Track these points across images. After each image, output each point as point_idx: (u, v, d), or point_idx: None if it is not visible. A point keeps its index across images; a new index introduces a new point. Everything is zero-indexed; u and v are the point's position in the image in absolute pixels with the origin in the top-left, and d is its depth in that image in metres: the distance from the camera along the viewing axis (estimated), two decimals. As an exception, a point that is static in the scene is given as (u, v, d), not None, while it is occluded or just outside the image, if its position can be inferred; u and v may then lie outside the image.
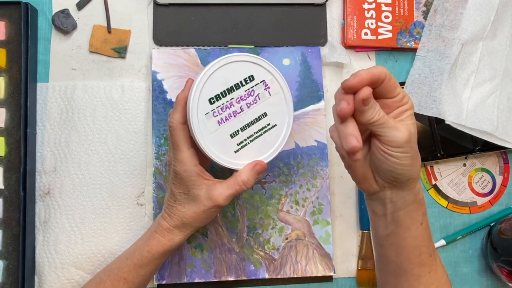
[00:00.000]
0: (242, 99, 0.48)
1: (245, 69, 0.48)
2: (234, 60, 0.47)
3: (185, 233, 0.49)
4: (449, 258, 0.61)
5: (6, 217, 0.54)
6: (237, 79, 0.47)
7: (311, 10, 0.62)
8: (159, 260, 0.49)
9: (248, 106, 0.48)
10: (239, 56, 0.47)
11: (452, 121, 0.58)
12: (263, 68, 0.48)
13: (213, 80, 0.46)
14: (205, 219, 0.48)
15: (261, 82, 0.48)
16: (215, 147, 0.47)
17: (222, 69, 0.47)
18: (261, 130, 0.49)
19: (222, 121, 0.47)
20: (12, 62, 0.56)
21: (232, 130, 0.47)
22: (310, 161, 0.59)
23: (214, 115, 0.46)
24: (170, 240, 0.48)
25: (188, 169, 0.46)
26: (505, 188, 0.62)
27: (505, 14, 0.61)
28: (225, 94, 0.47)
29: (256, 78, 0.48)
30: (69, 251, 0.56)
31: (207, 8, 0.60)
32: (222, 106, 0.47)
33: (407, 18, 0.62)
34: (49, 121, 0.58)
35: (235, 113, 0.47)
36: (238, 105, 0.47)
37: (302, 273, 0.57)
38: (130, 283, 0.49)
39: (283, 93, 0.49)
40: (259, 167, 0.48)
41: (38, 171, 0.57)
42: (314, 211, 0.58)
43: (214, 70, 0.46)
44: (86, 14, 0.60)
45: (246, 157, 0.48)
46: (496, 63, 0.61)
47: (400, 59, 0.63)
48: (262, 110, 0.49)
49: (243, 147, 0.48)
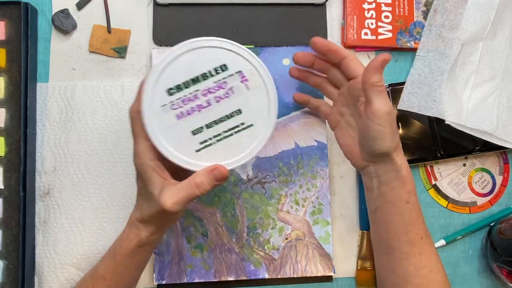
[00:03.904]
0: (210, 92, 0.41)
1: (217, 57, 0.41)
2: (204, 45, 0.40)
3: (150, 230, 0.45)
4: (449, 258, 0.61)
5: (6, 217, 0.54)
6: (205, 68, 0.41)
7: (311, 10, 0.62)
8: (133, 258, 0.46)
9: (217, 101, 0.42)
10: (211, 41, 0.41)
11: (452, 121, 0.58)
12: (241, 57, 0.41)
13: (175, 67, 0.40)
14: (163, 222, 0.45)
15: (237, 73, 0.42)
16: (171, 144, 0.41)
17: (188, 54, 0.40)
18: (232, 129, 0.43)
19: (183, 115, 0.41)
20: (12, 62, 0.56)
21: (194, 126, 0.42)
22: (310, 161, 0.59)
23: (173, 107, 0.41)
24: (137, 235, 0.45)
25: (144, 163, 0.42)
26: (505, 188, 0.62)
27: (505, 14, 0.61)
28: (188, 85, 0.41)
29: (230, 68, 0.41)
30: (68, 251, 0.56)
31: (207, 8, 0.60)
32: (183, 99, 0.41)
33: (407, 18, 0.62)
34: (49, 121, 0.58)
35: (199, 107, 0.42)
36: (205, 98, 0.41)
37: (302, 273, 0.57)
38: (108, 281, 0.46)
39: (266, 88, 0.42)
40: (218, 173, 0.42)
41: (38, 171, 0.57)
42: (314, 211, 0.58)
43: (177, 55, 0.40)
44: (86, 14, 0.60)
45: (210, 158, 0.42)
46: (496, 63, 0.61)
47: (400, 59, 0.63)
48: (235, 106, 0.42)
49: (207, 147, 0.42)
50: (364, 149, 0.49)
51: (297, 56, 0.53)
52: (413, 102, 0.59)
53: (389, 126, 0.46)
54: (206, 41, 0.41)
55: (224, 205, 0.58)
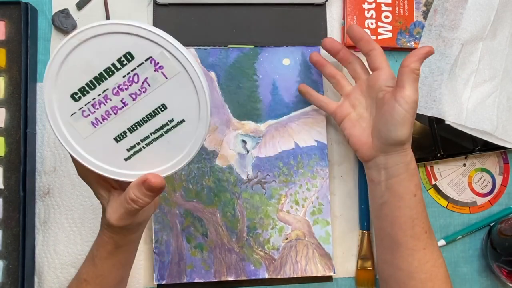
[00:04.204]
0: (122, 89, 0.35)
1: (118, 45, 0.33)
2: (96, 33, 0.33)
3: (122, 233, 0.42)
4: (449, 258, 0.61)
5: (6, 217, 0.54)
6: (106, 62, 0.34)
7: (311, 10, 0.62)
8: (113, 260, 0.44)
9: (133, 98, 0.35)
10: (104, 26, 0.33)
11: (452, 121, 0.58)
12: (147, 40, 0.33)
13: (69, 68, 0.34)
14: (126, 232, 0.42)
15: (147, 61, 0.34)
16: (94, 155, 0.36)
17: (80, 50, 0.33)
18: (161, 129, 0.36)
19: (98, 121, 0.36)
20: (12, 62, 0.56)
21: (115, 132, 0.36)
22: (310, 161, 0.59)
23: (84, 114, 0.35)
24: (110, 237, 0.42)
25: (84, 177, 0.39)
26: (505, 188, 0.62)
27: (505, 14, 0.61)
28: (93, 85, 0.34)
29: (136, 56, 0.34)
30: (68, 251, 0.56)
31: (207, 8, 0.60)
32: (93, 102, 0.35)
33: (407, 18, 0.62)
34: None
35: (114, 109, 0.35)
36: (117, 98, 0.35)
37: (302, 273, 0.57)
38: (92, 284, 0.45)
39: (187, 73, 0.34)
40: (147, 184, 0.36)
41: (38, 171, 0.57)
42: (314, 211, 0.58)
43: (66, 53, 0.33)
44: (86, 14, 0.60)
45: (142, 165, 0.37)
46: (496, 63, 0.61)
47: (400, 59, 0.63)
48: (157, 101, 0.35)
49: (136, 153, 0.37)
50: (381, 136, 0.49)
51: (327, 41, 0.55)
52: (413, 102, 0.59)
53: (412, 115, 0.47)
54: (98, 27, 0.33)
55: (224, 205, 0.58)
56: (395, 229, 0.49)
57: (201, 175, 0.57)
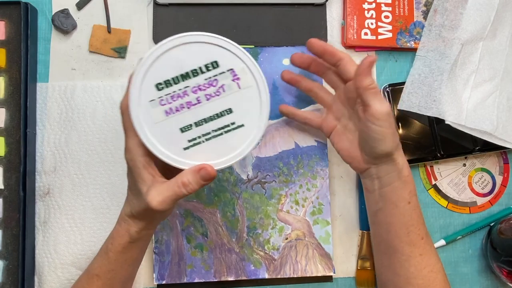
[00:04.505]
0: (200, 89, 0.40)
1: (209, 53, 0.39)
2: (194, 40, 0.39)
3: (140, 225, 0.44)
4: (449, 258, 0.61)
5: (6, 217, 0.54)
6: (195, 64, 0.39)
7: (311, 10, 0.62)
8: (126, 255, 0.45)
9: (207, 98, 0.40)
10: (202, 36, 0.39)
11: (452, 121, 0.58)
12: (233, 54, 0.40)
13: (163, 62, 0.39)
14: (152, 218, 0.44)
15: (228, 71, 0.40)
16: (159, 140, 0.40)
17: (178, 49, 0.39)
18: (222, 128, 0.41)
19: (171, 111, 0.40)
20: (12, 62, 0.56)
21: (183, 123, 0.41)
22: (310, 161, 0.59)
23: (161, 103, 0.40)
24: (127, 230, 0.44)
25: (133, 158, 0.41)
26: (505, 188, 0.62)
27: (505, 14, 0.61)
28: (177, 81, 0.40)
29: (221, 65, 0.40)
30: (69, 251, 0.56)
31: (207, 8, 0.60)
32: (172, 95, 0.40)
33: (407, 18, 0.62)
34: (49, 121, 0.58)
35: (189, 104, 0.40)
36: (194, 96, 0.40)
37: (302, 273, 0.57)
38: (103, 279, 0.46)
39: (258, 88, 0.41)
40: (205, 173, 0.41)
41: (38, 171, 0.57)
42: (314, 211, 0.58)
43: (165, 49, 0.39)
44: (86, 14, 0.60)
45: (198, 157, 0.41)
46: (496, 63, 0.61)
47: (400, 59, 0.63)
48: (226, 105, 0.41)
49: (196, 145, 0.41)
50: (366, 151, 0.49)
51: (294, 57, 0.54)
52: (413, 102, 0.59)
53: (389, 127, 0.46)
54: (197, 36, 0.39)
55: (224, 205, 0.58)
56: (391, 236, 0.49)
57: (201, 175, 0.57)
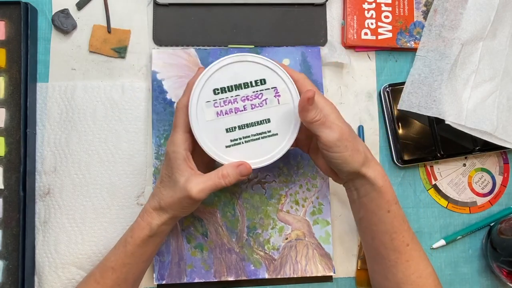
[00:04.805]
0: (248, 99, 0.48)
1: (260, 72, 0.48)
2: (250, 60, 0.48)
3: (162, 218, 0.48)
4: (449, 258, 0.61)
5: (6, 217, 0.54)
6: (247, 79, 0.48)
7: (311, 10, 0.62)
8: (143, 249, 0.48)
9: (252, 107, 0.48)
10: (257, 58, 0.48)
11: (452, 121, 0.58)
12: (278, 76, 0.48)
13: (223, 73, 0.47)
14: (180, 209, 0.48)
15: (272, 89, 0.48)
16: (207, 136, 0.47)
17: (236, 65, 0.47)
18: (260, 134, 0.48)
19: (221, 113, 0.47)
20: (12, 62, 0.56)
21: (229, 125, 0.48)
22: (310, 161, 0.59)
23: (215, 105, 0.47)
24: (149, 223, 0.48)
25: (177, 151, 0.46)
26: (505, 188, 0.62)
27: (505, 14, 0.61)
28: (231, 89, 0.47)
29: (268, 83, 0.48)
30: (69, 251, 0.56)
31: (207, 8, 0.60)
32: (225, 99, 0.47)
33: (407, 18, 0.62)
34: (49, 121, 0.58)
35: (236, 109, 0.48)
36: (242, 104, 0.48)
37: (302, 273, 0.57)
38: (118, 272, 0.48)
39: (293, 105, 0.48)
40: (243, 168, 0.47)
41: (38, 171, 0.57)
42: (314, 211, 0.58)
43: (227, 63, 0.47)
44: (86, 14, 0.60)
45: (236, 155, 0.48)
46: (496, 63, 0.61)
47: (400, 59, 0.63)
48: (266, 115, 0.48)
49: (236, 145, 0.48)
50: (335, 171, 0.50)
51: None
52: (413, 102, 0.59)
53: (345, 149, 0.46)
54: (252, 56, 0.47)
55: (224, 205, 0.58)
56: (375, 243, 0.50)
57: (201, 175, 0.58)
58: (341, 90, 0.61)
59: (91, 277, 0.49)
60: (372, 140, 0.61)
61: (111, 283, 0.48)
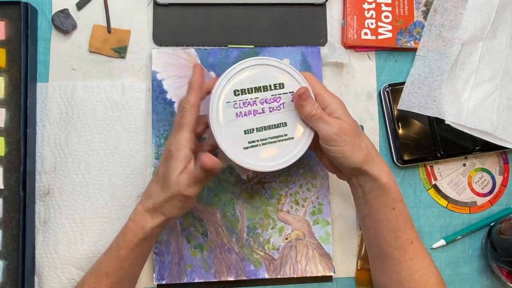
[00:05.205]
0: (267, 102, 0.48)
1: (279, 76, 0.49)
2: (271, 64, 0.49)
3: (156, 221, 0.47)
4: (449, 258, 0.61)
5: (6, 217, 0.54)
6: (267, 82, 0.49)
7: (311, 10, 0.62)
8: (136, 252, 0.47)
9: (270, 110, 0.49)
10: (277, 63, 0.49)
11: (452, 121, 0.58)
12: (296, 81, 0.49)
13: (244, 74, 0.48)
14: (174, 209, 0.47)
15: (290, 93, 0.49)
16: (226, 136, 0.47)
17: (257, 68, 0.48)
18: (276, 137, 0.49)
19: (241, 115, 0.48)
20: (12, 62, 0.56)
21: (247, 127, 0.48)
22: (310, 161, 0.59)
23: (235, 106, 0.48)
24: (141, 227, 0.47)
25: (181, 149, 0.46)
26: (505, 188, 0.62)
27: (505, 14, 0.61)
28: (251, 91, 0.48)
29: (286, 87, 0.49)
30: (69, 251, 0.56)
31: (207, 8, 0.60)
32: (244, 101, 0.48)
33: (407, 18, 0.62)
34: (49, 121, 0.58)
35: (255, 112, 0.48)
36: (261, 106, 0.48)
37: (302, 273, 0.57)
38: (112, 277, 0.47)
39: None
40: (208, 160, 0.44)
41: (38, 171, 0.57)
42: (314, 211, 0.58)
43: (248, 65, 0.48)
44: (86, 14, 0.60)
45: (253, 157, 0.48)
46: (496, 63, 0.61)
47: (400, 59, 0.63)
48: (283, 119, 0.49)
49: (254, 147, 0.48)
50: (338, 166, 0.50)
51: None
52: (413, 102, 0.59)
53: (344, 143, 0.47)
54: (273, 61, 0.49)
55: (224, 205, 0.58)
56: (379, 241, 0.50)
57: (201, 175, 0.58)
58: (341, 90, 0.61)
59: (85, 282, 0.49)
60: (372, 140, 0.60)
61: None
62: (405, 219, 0.49)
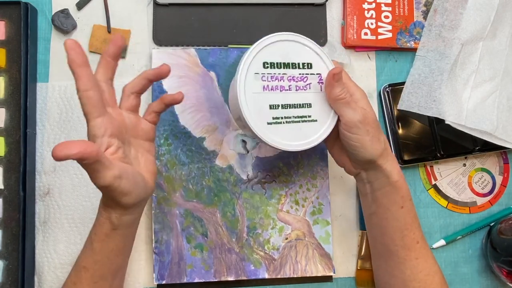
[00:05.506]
0: (294, 80, 0.48)
1: (308, 56, 0.48)
2: (302, 42, 0.48)
3: (117, 211, 0.43)
4: (449, 258, 0.61)
5: (6, 217, 0.54)
6: (296, 60, 0.48)
7: (311, 10, 0.62)
8: (110, 244, 0.44)
9: (296, 89, 0.48)
10: (308, 41, 0.48)
11: (452, 121, 0.58)
12: (325, 64, 0.49)
13: (275, 48, 0.47)
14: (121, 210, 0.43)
15: (317, 74, 0.48)
16: (252, 108, 0.46)
17: (288, 43, 0.48)
18: (300, 118, 0.48)
19: (268, 88, 0.47)
20: (12, 62, 0.56)
21: (273, 102, 0.47)
22: (310, 161, 0.59)
23: (263, 78, 0.47)
24: (108, 218, 0.43)
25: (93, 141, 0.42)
26: (505, 188, 0.62)
27: (505, 14, 0.61)
28: (280, 66, 0.47)
29: (313, 68, 0.48)
30: (68, 251, 0.56)
31: (207, 8, 0.60)
32: (272, 75, 0.47)
33: (407, 18, 0.62)
34: (49, 121, 0.58)
35: (282, 88, 0.47)
36: (288, 83, 0.48)
37: (302, 273, 0.57)
38: (91, 270, 0.45)
39: None
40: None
41: (38, 171, 0.57)
42: (314, 211, 0.58)
43: (281, 39, 0.47)
44: (86, 14, 0.60)
45: (275, 133, 0.47)
46: (496, 63, 0.61)
47: (400, 59, 0.63)
48: (308, 99, 0.48)
49: (277, 124, 0.47)
50: (350, 158, 0.50)
51: None
52: (413, 102, 0.59)
53: (366, 134, 0.46)
54: (304, 39, 0.48)
55: (224, 205, 0.58)
56: (385, 239, 0.50)
57: (201, 175, 0.57)
58: (341, 90, 0.61)
59: (68, 279, 0.47)
60: (372, 140, 0.61)
61: (87, 282, 0.45)
62: (413, 218, 0.49)
